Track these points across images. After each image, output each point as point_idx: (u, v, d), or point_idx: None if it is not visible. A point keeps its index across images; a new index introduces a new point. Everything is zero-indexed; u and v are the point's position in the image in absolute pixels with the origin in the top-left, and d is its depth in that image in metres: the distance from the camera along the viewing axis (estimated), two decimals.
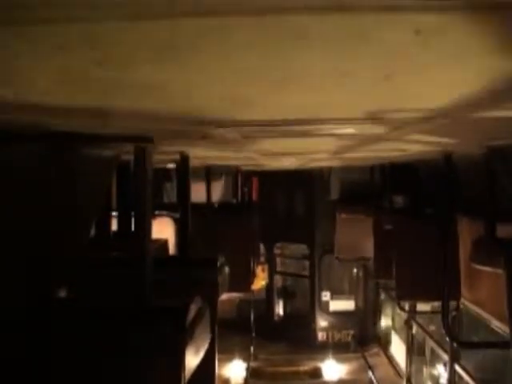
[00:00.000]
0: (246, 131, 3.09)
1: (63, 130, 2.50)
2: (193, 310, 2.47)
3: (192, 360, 2.41)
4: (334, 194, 12.50)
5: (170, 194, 8.46)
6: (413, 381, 10.16)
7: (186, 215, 4.77)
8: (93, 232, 4.61)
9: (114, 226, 5.30)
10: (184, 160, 4.55)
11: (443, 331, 6.26)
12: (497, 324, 6.21)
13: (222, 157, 6.08)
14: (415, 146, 4.67)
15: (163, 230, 5.76)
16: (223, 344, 4.66)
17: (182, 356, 2.24)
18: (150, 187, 2.88)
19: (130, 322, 2.41)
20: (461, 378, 7.64)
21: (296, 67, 1.50)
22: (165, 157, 4.90)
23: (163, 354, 2.32)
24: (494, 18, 1.10)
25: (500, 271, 4.82)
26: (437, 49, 1.33)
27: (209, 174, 8.57)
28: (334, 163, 8.85)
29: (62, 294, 3.23)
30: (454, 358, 7.69)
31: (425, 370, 9.69)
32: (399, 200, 9.71)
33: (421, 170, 8.81)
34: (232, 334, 11.64)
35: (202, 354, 2.70)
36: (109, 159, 3.46)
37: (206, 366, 3.14)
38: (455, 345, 7.42)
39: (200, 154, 4.96)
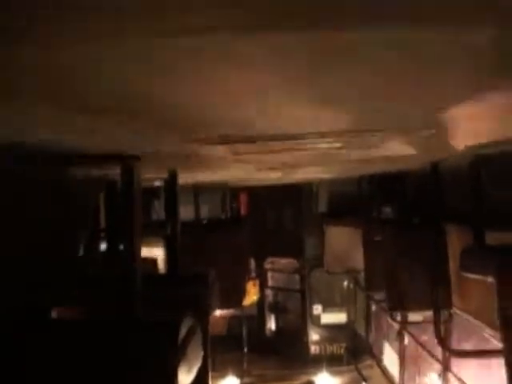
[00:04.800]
0: (233, 148, 3.10)
1: (50, 150, 2.50)
2: (184, 327, 2.46)
3: (185, 378, 2.40)
4: (322, 207, 12.51)
5: (159, 212, 8.44)
6: None
7: (175, 232, 4.76)
8: (81, 251, 4.59)
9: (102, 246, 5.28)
10: (172, 177, 4.55)
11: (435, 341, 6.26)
12: (489, 332, 6.22)
13: (210, 173, 6.08)
14: (401, 156, 4.69)
15: (152, 249, 5.75)
16: (216, 361, 4.64)
17: (174, 374, 2.23)
18: (138, 205, 2.88)
19: (120, 339, 2.40)
20: None
21: (281, 83, 1.52)
22: (153, 175, 4.89)
23: (155, 373, 2.30)
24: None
25: (490, 279, 4.84)
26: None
27: (197, 190, 8.57)
28: (322, 175, 8.87)
29: (53, 312, 3.21)
30: (447, 367, 7.69)
31: (418, 379, 9.68)
32: (388, 210, 9.74)
33: (408, 180, 8.85)
34: (224, 350, 11.58)
35: (194, 371, 2.69)
36: (96, 179, 3.46)
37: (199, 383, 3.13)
38: (448, 354, 7.43)
39: (188, 171, 4.97)
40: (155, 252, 5.44)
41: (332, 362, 13.25)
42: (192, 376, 2.63)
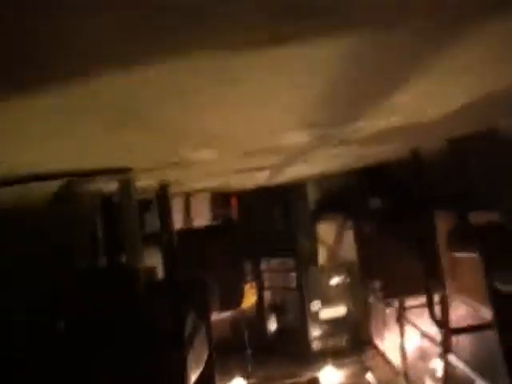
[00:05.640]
0: (220, 153, 3.27)
1: (54, 171, 2.66)
2: (190, 320, 2.62)
3: (194, 367, 2.55)
4: (312, 205, 12.65)
5: (152, 223, 8.56)
6: (409, 376, 10.32)
7: (170, 241, 4.90)
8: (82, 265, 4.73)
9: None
10: (164, 188, 4.72)
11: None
12: (481, 308, 6.41)
13: (201, 180, 6.23)
14: (378, 146, 4.86)
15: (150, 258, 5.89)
16: (220, 363, 4.79)
17: (184, 362, 2.37)
18: (136, 216, 3.05)
19: (129, 340, 2.56)
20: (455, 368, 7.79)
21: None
22: (145, 185, 5.05)
23: (165, 370, 2.44)
24: None
25: (475, 256, 5.04)
26: None
27: (188, 199, 8.73)
28: (310, 172, 9.02)
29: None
30: (447, 348, 7.85)
31: (421, 364, 9.83)
32: (377, 202, 9.90)
33: (394, 170, 9.04)
34: (228, 353, 11.67)
35: (201, 364, 2.84)
36: (94, 194, 3.62)
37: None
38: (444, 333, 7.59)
39: (179, 181, 5.12)
40: (153, 261, 5.60)
41: (335, 355, 13.37)
42: (200, 368, 2.79)
